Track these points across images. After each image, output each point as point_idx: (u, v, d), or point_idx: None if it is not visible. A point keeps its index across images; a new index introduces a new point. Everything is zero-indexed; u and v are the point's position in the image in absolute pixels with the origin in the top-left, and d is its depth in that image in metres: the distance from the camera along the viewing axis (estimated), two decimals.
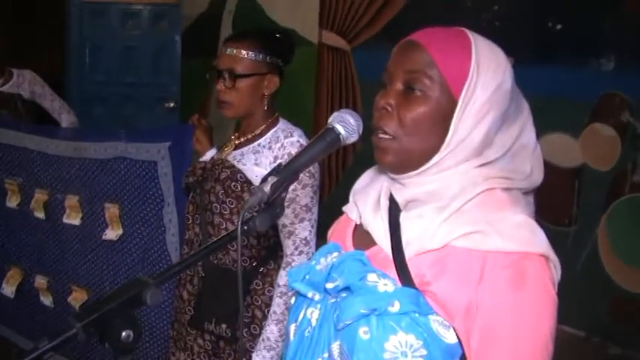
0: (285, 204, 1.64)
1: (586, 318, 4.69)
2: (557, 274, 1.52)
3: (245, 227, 1.54)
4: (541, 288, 1.47)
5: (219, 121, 4.14)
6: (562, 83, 4.83)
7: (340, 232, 1.78)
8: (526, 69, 1.62)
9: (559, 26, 5.04)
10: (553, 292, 1.49)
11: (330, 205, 2.82)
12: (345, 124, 1.62)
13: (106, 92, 7.82)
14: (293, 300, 1.75)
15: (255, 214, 1.56)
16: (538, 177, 1.64)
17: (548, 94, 4.64)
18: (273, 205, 1.57)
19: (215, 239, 1.63)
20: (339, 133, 1.62)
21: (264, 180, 1.55)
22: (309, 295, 1.65)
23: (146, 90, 7.80)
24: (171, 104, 7.70)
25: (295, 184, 2.56)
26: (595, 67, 4.88)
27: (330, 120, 1.64)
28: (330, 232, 1.85)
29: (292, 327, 1.70)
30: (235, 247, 2.72)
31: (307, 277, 1.67)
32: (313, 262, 1.69)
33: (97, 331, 1.39)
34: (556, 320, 1.49)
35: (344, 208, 1.81)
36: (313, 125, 6.39)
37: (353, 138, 1.64)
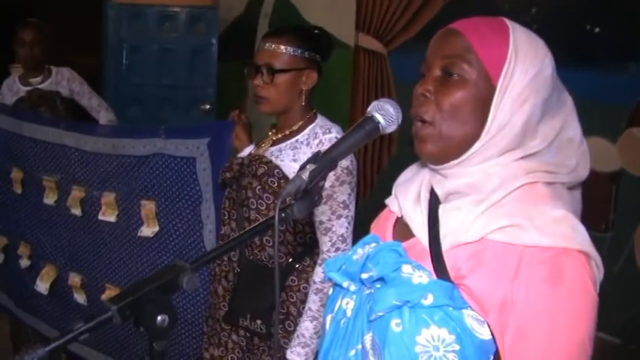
0: (323, 200, 1.63)
1: (622, 325, 4.64)
2: (599, 272, 1.48)
3: (282, 214, 1.53)
4: (579, 285, 1.43)
5: (256, 120, 4.12)
6: (600, 87, 4.80)
7: (381, 224, 1.78)
8: (564, 72, 1.60)
9: (597, 29, 5.01)
10: (592, 290, 1.44)
11: (366, 208, 2.82)
12: (385, 113, 1.62)
13: (143, 94, 7.87)
14: (330, 291, 1.74)
15: (292, 202, 1.56)
16: (583, 172, 1.62)
17: (586, 98, 4.59)
18: (311, 193, 1.56)
19: (252, 226, 1.61)
20: (379, 123, 1.62)
21: (303, 168, 1.55)
22: (345, 285, 1.64)
23: (182, 92, 7.85)
24: (207, 107, 7.73)
25: (333, 180, 2.56)
26: (633, 70, 4.84)
27: (369, 109, 1.64)
28: (372, 225, 1.84)
29: (329, 317, 1.70)
30: (271, 241, 2.73)
31: (343, 267, 1.66)
32: (350, 253, 1.68)
33: (133, 314, 1.39)
34: (595, 320, 1.45)
35: (386, 201, 1.80)
36: (349, 128, 6.38)
37: (392, 127, 1.64)
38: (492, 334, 1.45)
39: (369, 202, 2.64)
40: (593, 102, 4.60)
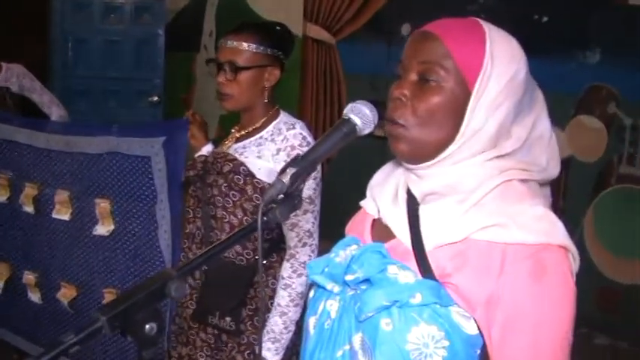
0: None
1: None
2: (575, 264, 1.53)
3: (264, 219, 1.54)
4: (561, 279, 1.47)
5: (202, 115, 4.05)
6: (548, 75, 4.83)
7: (357, 225, 1.79)
8: None
9: (545, 18, 5.08)
10: (572, 282, 1.49)
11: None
12: (361, 115, 1.62)
13: (89, 87, 7.80)
14: (312, 293, 1.75)
15: (274, 206, 1.56)
16: (554, 170, 1.65)
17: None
18: (292, 196, 1.57)
19: (221, 233, 1.61)
20: (355, 124, 1.62)
21: (283, 171, 1.55)
22: (329, 287, 1.65)
23: (129, 84, 7.79)
24: (155, 98, 7.69)
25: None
26: (581, 59, 4.92)
27: (345, 111, 1.64)
28: (347, 226, 1.85)
29: (312, 320, 1.71)
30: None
31: (326, 269, 1.68)
32: (332, 255, 1.70)
33: (121, 324, 1.39)
34: (575, 310, 1.50)
35: (361, 203, 1.82)
36: (298, 118, 6.40)
37: (369, 129, 1.64)
38: (479, 329, 1.49)
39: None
40: (542, 90, 4.68)
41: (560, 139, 4.79)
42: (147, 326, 1.40)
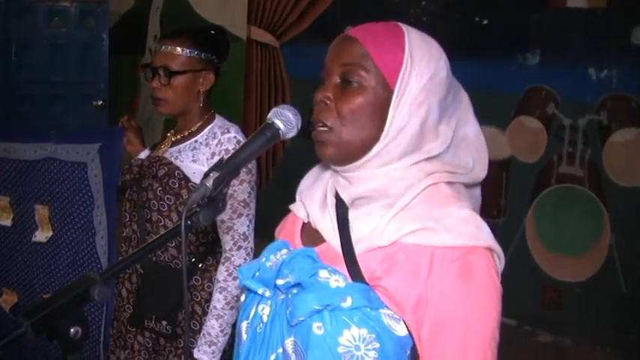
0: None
1: (516, 307, 4.81)
2: (500, 264, 1.57)
3: (188, 222, 1.56)
4: (487, 279, 1.51)
5: (149, 116, 4.02)
6: (489, 77, 4.93)
7: (288, 229, 1.80)
8: (454, 64, 1.66)
9: (485, 21, 5.13)
10: (498, 282, 1.53)
11: (262, 202, 2.86)
12: (284, 120, 1.64)
13: (33, 91, 7.69)
14: (243, 298, 1.76)
15: (197, 209, 1.58)
16: (481, 172, 1.68)
17: (476, 88, 4.67)
18: (216, 200, 1.58)
19: (156, 236, 1.63)
20: (279, 129, 1.64)
21: (206, 175, 1.56)
22: (260, 291, 1.66)
23: (74, 88, 7.73)
24: (100, 102, 7.63)
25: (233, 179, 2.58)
26: (521, 61, 4.98)
27: (269, 115, 1.66)
28: (277, 230, 1.86)
29: (244, 324, 1.71)
30: (175, 243, 2.75)
31: (257, 274, 1.68)
32: (263, 260, 1.70)
33: (46, 329, 1.39)
34: (501, 308, 1.54)
35: (291, 207, 1.83)
36: (243, 121, 6.43)
37: (292, 133, 1.66)
38: (409, 331, 1.51)
39: (265, 196, 2.73)
40: (483, 92, 4.72)
41: (501, 140, 4.90)
42: (72, 330, 1.41)
